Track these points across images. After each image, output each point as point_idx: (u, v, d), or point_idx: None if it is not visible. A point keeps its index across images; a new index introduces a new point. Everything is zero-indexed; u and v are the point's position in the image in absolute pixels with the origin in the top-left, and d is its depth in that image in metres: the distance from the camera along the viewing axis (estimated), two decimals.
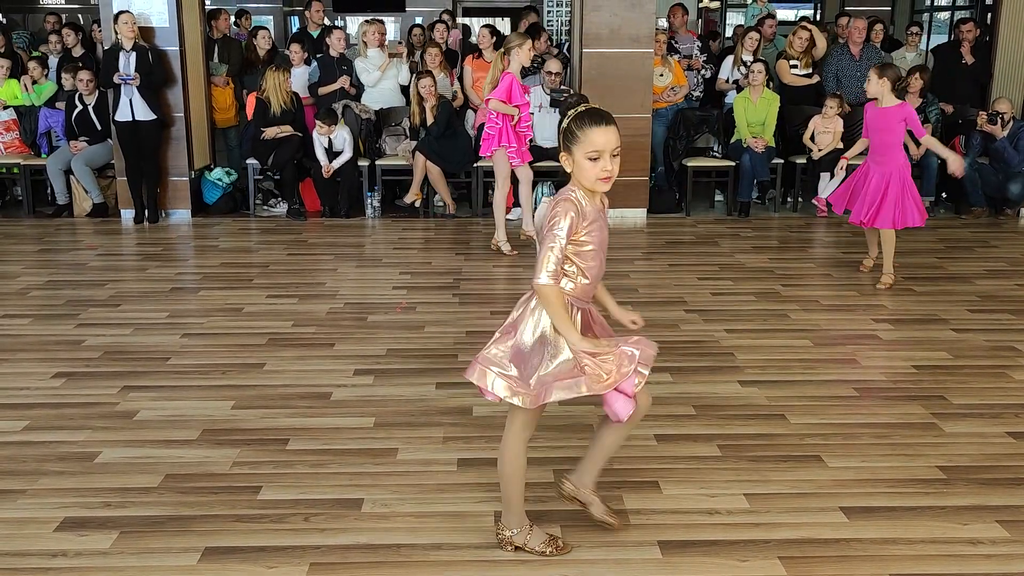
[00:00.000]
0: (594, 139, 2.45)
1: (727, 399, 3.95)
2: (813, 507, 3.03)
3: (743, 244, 6.98)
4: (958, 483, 3.20)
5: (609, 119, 2.48)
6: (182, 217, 7.87)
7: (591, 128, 2.46)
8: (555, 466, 3.29)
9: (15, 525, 2.92)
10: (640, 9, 7.46)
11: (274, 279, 5.93)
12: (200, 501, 3.06)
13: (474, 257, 6.55)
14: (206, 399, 3.94)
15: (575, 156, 2.49)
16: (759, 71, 7.82)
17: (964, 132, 8.16)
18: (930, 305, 5.33)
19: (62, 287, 5.73)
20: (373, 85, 8.20)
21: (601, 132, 2.45)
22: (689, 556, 2.76)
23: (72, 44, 8.84)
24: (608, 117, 2.49)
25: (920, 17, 13.12)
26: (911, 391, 4.05)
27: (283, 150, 7.70)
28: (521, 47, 6.34)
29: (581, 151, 2.47)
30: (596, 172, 2.47)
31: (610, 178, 2.49)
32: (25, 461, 3.34)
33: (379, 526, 2.91)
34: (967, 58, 8.46)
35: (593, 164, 2.47)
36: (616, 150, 2.48)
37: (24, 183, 8.07)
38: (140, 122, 7.41)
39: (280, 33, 13.40)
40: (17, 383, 4.12)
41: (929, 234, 7.33)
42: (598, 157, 2.46)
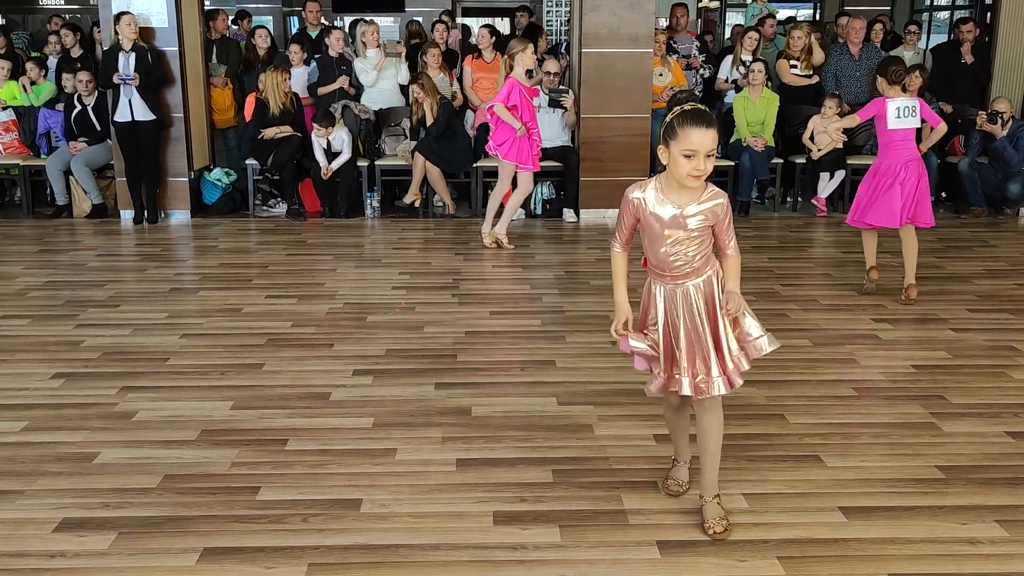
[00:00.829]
0: (692, 138, 2.58)
1: (726, 399, 3.91)
2: (812, 507, 3.03)
3: (742, 244, 6.85)
4: (957, 483, 3.19)
5: (710, 122, 2.61)
6: (181, 218, 7.87)
7: (691, 128, 2.58)
8: (554, 466, 3.29)
9: (13, 526, 2.92)
10: (639, 9, 7.46)
11: (273, 279, 5.93)
12: (199, 502, 3.06)
13: (473, 257, 6.55)
14: (205, 399, 3.94)
15: (672, 151, 2.63)
16: (758, 71, 7.82)
17: (963, 132, 8.16)
18: (929, 305, 5.33)
19: (61, 288, 5.73)
20: (371, 85, 8.20)
21: (699, 133, 2.58)
22: (688, 556, 2.76)
23: (71, 45, 8.84)
24: (709, 119, 2.61)
25: (920, 16, 13.12)
26: (910, 391, 4.05)
27: (282, 150, 7.70)
28: (524, 52, 6.38)
29: (678, 147, 2.61)
30: (688, 169, 2.61)
31: (701, 175, 2.63)
32: (24, 462, 3.34)
33: (378, 526, 2.91)
34: (967, 58, 8.46)
35: (687, 161, 2.61)
36: (711, 152, 2.61)
37: (23, 184, 8.07)
38: (139, 122, 7.41)
39: (280, 33, 13.39)
40: (16, 383, 4.12)
41: (928, 233, 7.30)
42: (692, 155, 2.59)
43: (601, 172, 7.72)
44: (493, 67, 8.36)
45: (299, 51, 8.40)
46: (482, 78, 8.34)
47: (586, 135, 7.68)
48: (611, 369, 4.32)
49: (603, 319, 5.06)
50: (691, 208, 2.71)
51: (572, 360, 4.42)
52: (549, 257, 6.66)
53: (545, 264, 6.46)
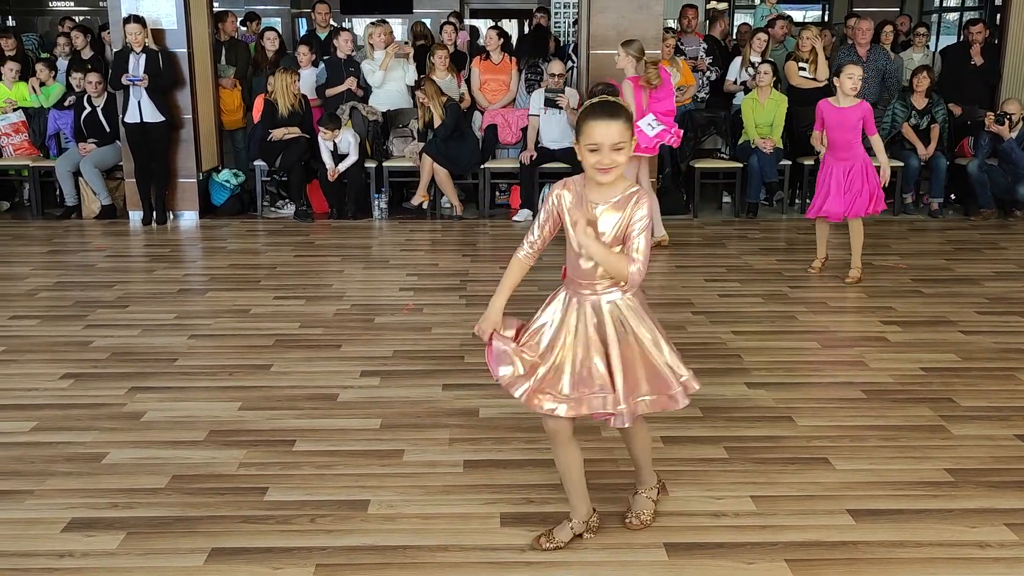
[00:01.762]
0: (594, 132, 2.48)
1: (734, 401, 3.94)
2: (820, 510, 3.02)
3: (750, 246, 6.97)
4: (966, 486, 3.18)
5: (615, 114, 2.49)
6: (190, 218, 7.89)
7: (593, 121, 2.49)
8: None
9: (22, 525, 2.93)
10: (647, 11, 7.46)
11: (281, 280, 5.94)
12: (207, 502, 3.07)
13: (481, 259, 6.56)
14: (213, 400, 3.95)
15: (580, 146, 2.54)
16: (766, 72, 7.81)
17: (973, 133, 8.13)
18: (938, 307, 5.31)
19: (70, 288, 5.76)
20: (379, 86, 8.21)
21: (602, 126, 2.47)
22: (695, 558, 2.75)
23: (81, 46, 8.88)
24: (614, 111, 2.50)
25: (928, 18, 13.08)
26: (919, 393, 4.03)
27: (290, 152, 7.72)
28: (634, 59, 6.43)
29: (584, 141, 2.52)
30: (593, 162, 2.51)
31: (607, 170, 2.50)
32: (33, 462, 3.36)
33: (385, 527, 2.91)
34: (976, 59, 8.43)
35: (591, 155, 2.51)
36: (619, 144, 2.48)
37: (33, 185, 8.11)
38: (148, 124, 7.44)
39: (288, 35, 13.43)
40: (25, 384, 4.14)
41: (937, 236, 7.31)
42: (597, 149, 2.49)
43: None
44: (501, 69, 8.37)
45: (307, 53, 8.42)
46: (490, 80, 8.35)
47: None
48: None
49: None
50: (607, 207, 2.57)
51: None
52: (556, 259, 6.64)
53: (552, 265, 6.41)
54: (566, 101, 7.61)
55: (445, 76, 8.18)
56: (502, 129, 8.20)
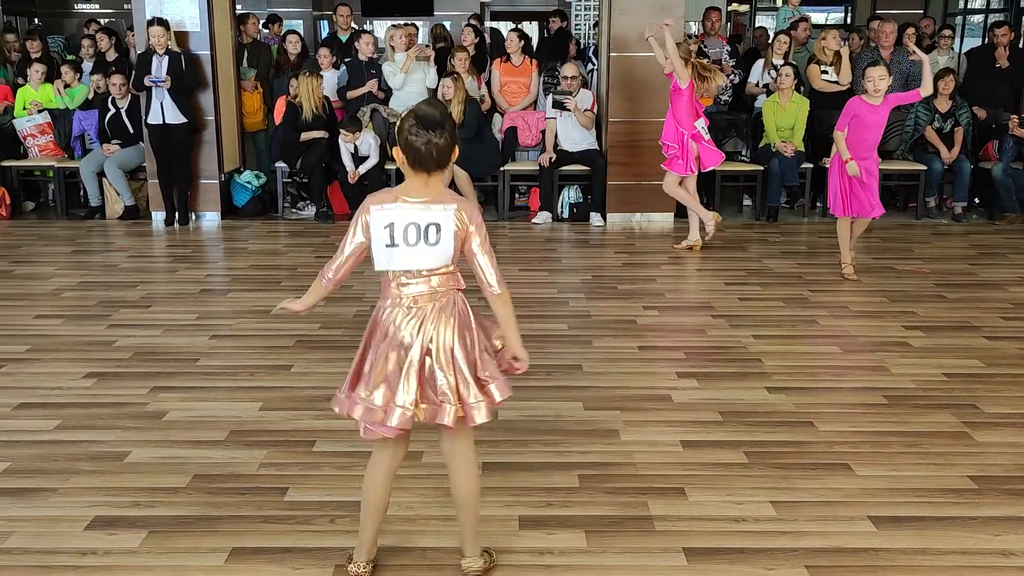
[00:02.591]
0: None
1: (754, 405, 3.92)
2: (841, 516, 3.00)
3: (771, 249, 6.93)
4: (990, 493, 3.15)
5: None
6: (212, 219, 7.95)
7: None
8: (580, 471, 3.29)
9: (47, 523, 2.96)
10: (669, 13, 7.42)
11: (302, 281, 5.96)
12: (228, 502, 3.09)
13: (500, 261, 6.51)
14: (234, 400, 3.97)
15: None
16: (788, 75, 7.77)
17: (997, 136, 8.05)
18: (962, 312, 5.26)
19: (94, 288, 5.81)
20: (399, 88, 8.23)
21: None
22: (715, 564, 2.74)
23: (106, 48, 8.97)
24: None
25: (953, 20, 12.96)
26: (942, 399, 3.99)
27: (311, 153, 7.76)
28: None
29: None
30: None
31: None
32: (57, 460, 3.39)
33: (405, 529, 2.92)
34: (1001, 62, 8.34)
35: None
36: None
37: (58, 185, 8.20)
38: (171, 125, 7.50)
39: (310, 37, 13.49)
40: (49, 383, 4.18)
41: (961, 240, 7.24)
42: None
43: (628, 176, 7.70)
44: (521, 71, 8.38)
45: (328, 55, 8.46)
46: (510, 82, 8.36)
47: (613, 139, 7.67)
48: (638, 374, 4.31)
49: (630, 324, 5.06)
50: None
51: (599, 365, 4.41)
52: (576, 261, 6.65)
53: (572, 268, 6.46)
54: (573, 103, 7.59)
55: (465, 78, 8.20)
56: (522, 131, 8.20)
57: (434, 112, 2.43)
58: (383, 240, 2.46)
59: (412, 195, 2.46)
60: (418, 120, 2.41)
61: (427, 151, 2.40)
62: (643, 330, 4.96)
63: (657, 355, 4.55)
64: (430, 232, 2.44)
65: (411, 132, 2.41)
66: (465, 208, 2.50)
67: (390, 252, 2.46)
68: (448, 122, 2.44)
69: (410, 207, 2.45)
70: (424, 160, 2.42)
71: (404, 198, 2.46)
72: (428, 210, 2.45)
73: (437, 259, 2.47)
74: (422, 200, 2.45)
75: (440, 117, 2.42)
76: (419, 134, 2.40)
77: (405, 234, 2.44)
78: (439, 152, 2.41)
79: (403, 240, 2.44)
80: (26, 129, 8.27)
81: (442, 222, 2.45)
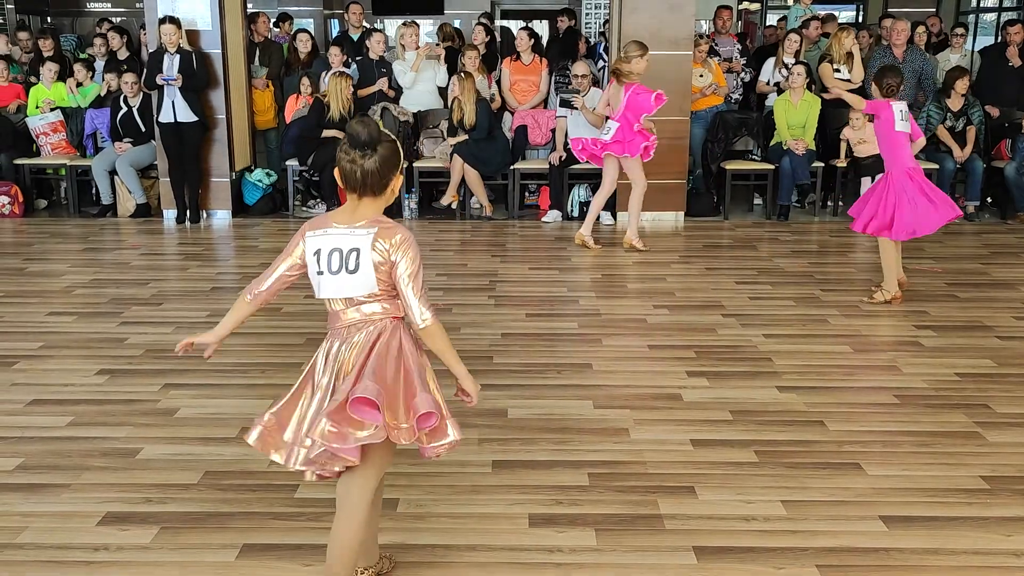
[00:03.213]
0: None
1: (765, 404, 3.91)
2: (852, 515, 2.99)
3: (782, 248, 6.91)
4: (1002, 493, 3.13)
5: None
6: (223, 217, 7.98)
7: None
8: (590, 469, 3.29)
9: (59, 519, 2.98)
10: (679, 11, 7.43)
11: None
12: (239, 498, 3.10)
13: (510, 259, 6.56)
14: (245, 397, 3.99)
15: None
16: (799, 73, 7.74)
17: (1010, 135, 8.01)
18: (974, 311, 5.23)
19: (106, 285, 5.84)
20: (409, 87, 8.24)
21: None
22: (725, 562, 2.74)
23: (117, 47, 9.01)
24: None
25: (966, 18, 12.89)
26: (953, 399, 3.98)
27: (323, 152, 7.77)
28: (642, 58, 6.41)
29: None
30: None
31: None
32: (69, 456, 3.41)
33: (414, 526, 2.93)
34: (1014, 60, 8.30)
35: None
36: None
37: (70, 183, 8.24)
38: (182, 124, 7.53)
39: (320, 36, 13.51)
40: (62, 379, 4.21)
41: (974, 239, 7.21)
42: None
43: None
44: (531, 69, 8.37)
45: (339, 54, 8.47)
46: (520, 80, 8.36)
47: None
48: (648, 373, 4.30)
49: (640, 322, 5.05)
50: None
51: (608, 363, 4.41)
52: (585, 260, 6.65)
53: (581, 266, 6.45)
54: (580, 102, 7.58)
55: (476, 77, 8.20)
56: (532, 130, 8.20)
57: (362, 131, 2.27)
58: (313, 267, 2.35)
59: (340, 220, 2.34)
60: (347, 138, 2.29)
61: (351, 171, 2.28)
62: (653, 329, 4.95)
63: (667, 354, 4.55)
64: (350, 259, 2.30)
65: (341, 150, 2.29)
66: (388, 234, 2.31)
67: (319, 280, 2.35)
68: (383, 145, 2.29)
69: (337, 233, 2.32)
70: (350, 181, 2.29)
71: (334, 223, 2.34)
72: (352, 235, 2.31)
73: (359, 287, 2.32)
74: (348, 226, 2.32)
75: (368, 137, 2.26)
76: (347, 153, 2.28)
77: (329, 261, 2.32)
78: (364, 174, 2.27)
79: (327, 267, 2.32)
80: (39, 127, 8.32)
81: (362, 248, 2.30)
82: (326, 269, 2.33)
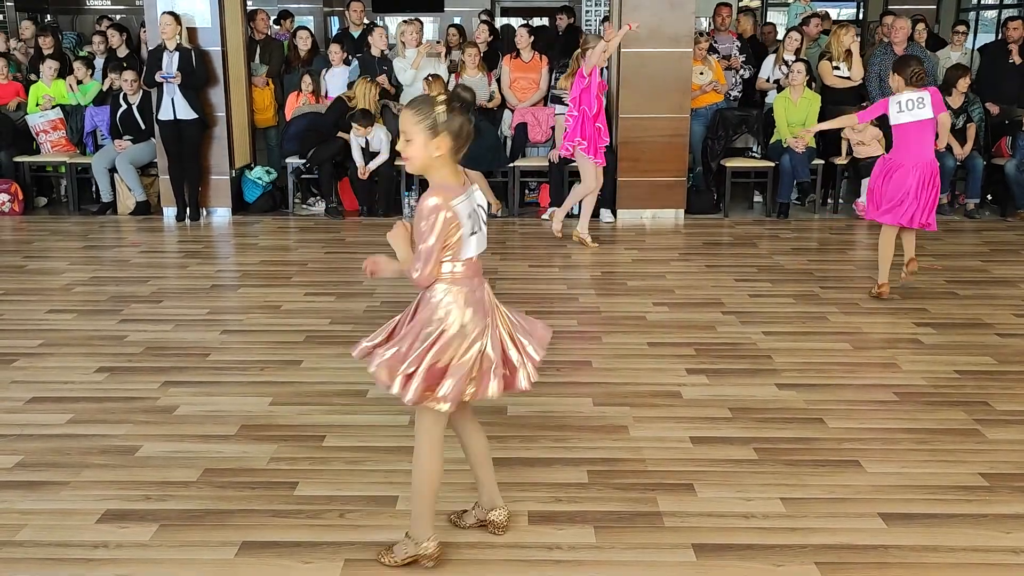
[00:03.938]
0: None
1: (764, 402, 3.91)
2: (851, 512, 2.99)
3: (782, 246, 6.91)
4: (1001, 491, 3.13)
5: (410, 103, 2.54)
6: (223, 215, 7.97)
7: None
8: (589, 467, 3.29)
9: (59, 516, 2.98)
10: (680, 9, 7.42)
11: (312, 277, 5.99)
12: (238, 496, 3.10)
13: (510, 257, 6.56)
14: (244, 395, 3.99)
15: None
16: (800, 71, 7.74)
17: (1010, 133, 8.00)
18: (974, 309, 5.23)
19: (106, 283, 5.84)
20: (410, 84, 8.23)
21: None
22: (724, 560, 2.74)
23: (117, 45, 9.00)
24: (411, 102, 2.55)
25: (966, 15, 12.88)
26: (953, 396, 3.98)
27: (323, 149, 7.77)
28: (595, 48, 6.43)
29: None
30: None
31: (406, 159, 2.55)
32: (69, 453, 3.41)
33: (407, 522, 2.92)
34: (1015, 57, 8.29)
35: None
36: (406, 135, 2.51)
37: (70, 181, 8.24)
38: (182, 121, 7.53)
39: (320, 33, 13.50)
40: (62, 377, 4.21)
41: (974, 237, 7.21)
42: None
43: (639, 172, 7.69)
44: (531, 67, 8.37)
45: (339, 51, 8.47)
46: (520, 78, 8.35)
47: (624, 135, 7.65)
48: (647, 370, 4.30)
49: (640, 320, 5.05)
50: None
51: (608, 361, 4.41)
52: (585, 257, 6.65)
53: (581, 264, 6.45)
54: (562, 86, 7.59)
55: (476, 74, 8.20)
56: (532, 128, 8.19)
57: (470, 97, 2.55)
58: (468, 229, 2.53)
59: (456, 183, 2.54)
60: (461, 102, 2.48)
61: (469, 131, 2.52)
62: (653, 326, 4.95)
63: (667, 351, 4.55)
64: (479, 215, 2.60)
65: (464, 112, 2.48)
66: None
67: (472, 239, 2.56)
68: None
69: (467, 195, 2.54)
70: (465, 141, 2.52)
71: (456, 188, 2.52)
72: (473, 194, 2.57)
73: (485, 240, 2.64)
74: (463, 187, 2.55)
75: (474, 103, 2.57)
76: (469, 116, 2.50)
77: (475, 220, 2.56)
78: (470, 135, 2.54)
79: (477, 226, 2.56)
80: (38, 125, 8.32)
81: (481, 204, 2.62)
82: (477, 228, 2.57)
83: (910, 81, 5.18)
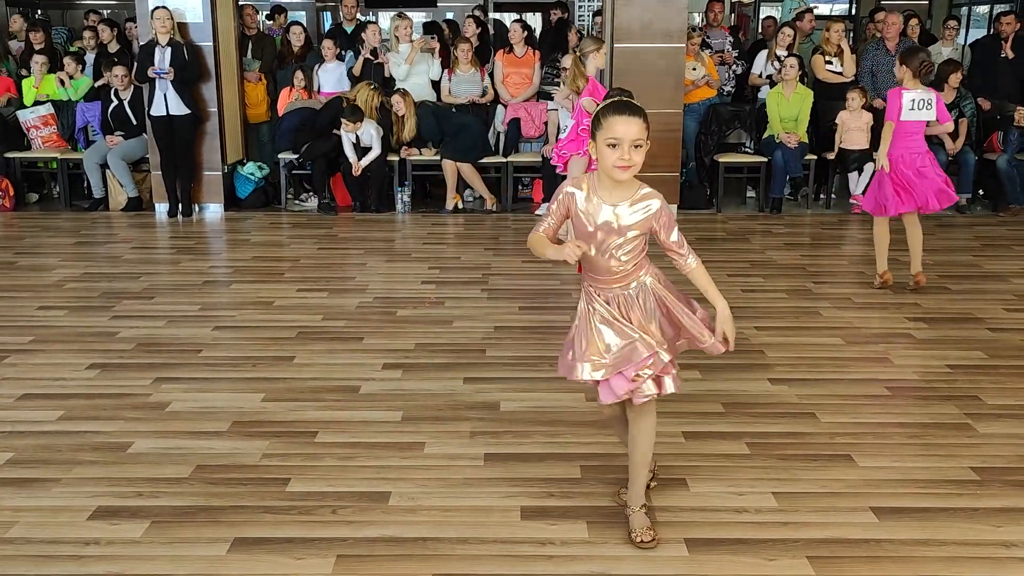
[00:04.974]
0: (615, 127, 2.56)
1: (757, 397, 3.92)
2: (843, 507, 3.00)
3: (774, 241, 6.92)
4: (992, 484, 3.14)
5: (635, 111, 2.58)
6: (215, 211, 7.95)
7: (613, 117, 2.57)
8: (582, 462, 3.29)
9: (49, 513, 2.97)
10: (672, 4, 7.40)
11: (305, 273, 5.98)
12: (230, 492, 3.09)
13: (503, 252, 6.56)
14: (237, 391, 3.98)
15: (598, 142, 2.61)
16: (792, 66, 7.74)
17: (1002, 128, 8.02)
18: (965, 303, 5.25)
19: (97, 279, 5.82)
20: (403, 79, 8.22)
21: (623, 121, 2.56)
22: (716, 554, 2.74)
23: (107, 40, 8.96)
24: (635, 110, 2.59)
25: (958, 11, 12.89)
26: (944, 391, 3.99)
27: (316, 145, 7.75)
28: (597, 52, 6.38)
29: (602, 136, 2.59)
30: (613, 159, 2.58)
31: (627, 167, 2.58)
32: (60, 450, 3.40)
33: (406, 519, 2.92)
34: (1007, 52, 8.30)
35: (611, 151, 2.57)
36: (638, 142, 2.57)
37: (61, 177, 8.21)
38: (174, 116, 7.50)
39: (313, 29, 13.45)
40: (53, 373, 4.19)
41: (965, 232, 7.22)
42: (616, 144, 2.55)
43: None
44: (524, 62, 8.36)
45: (332, 47, 8.44)
46: (512, 73, 8.34)
47: None
48: None
49: None
50: (623, 207, 2.68)
51: None
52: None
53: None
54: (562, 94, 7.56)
55: (468, 70, 8.19)
56: (525, 123, 8.18)
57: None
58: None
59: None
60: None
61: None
62: None
63: None
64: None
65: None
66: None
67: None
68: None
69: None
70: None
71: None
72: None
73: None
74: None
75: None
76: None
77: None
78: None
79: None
80: (29, 121, 8.28)
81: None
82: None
83: (918, 73, 5.16)
